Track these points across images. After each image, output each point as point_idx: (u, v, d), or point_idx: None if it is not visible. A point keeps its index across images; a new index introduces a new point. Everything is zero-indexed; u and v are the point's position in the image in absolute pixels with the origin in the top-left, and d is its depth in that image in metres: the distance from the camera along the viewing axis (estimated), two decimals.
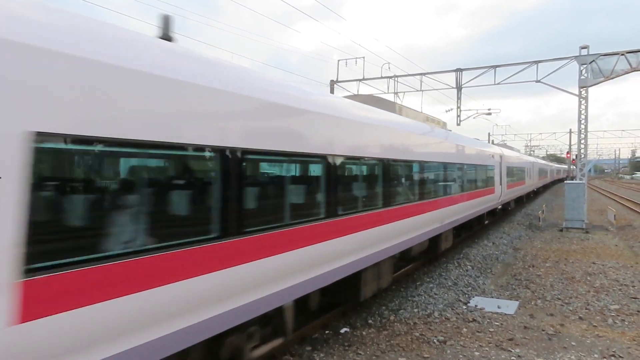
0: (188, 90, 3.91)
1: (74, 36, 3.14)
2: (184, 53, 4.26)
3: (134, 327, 3.41)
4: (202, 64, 4.33)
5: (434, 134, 11.30)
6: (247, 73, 5.05)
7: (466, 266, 12.32)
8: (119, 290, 3.27)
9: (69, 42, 3.05)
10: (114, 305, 3.23)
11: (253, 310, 4.64)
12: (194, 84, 3.99)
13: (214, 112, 4.19)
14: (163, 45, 4.10)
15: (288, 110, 5.30)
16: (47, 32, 2.95)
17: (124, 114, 3.32)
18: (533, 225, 21.63)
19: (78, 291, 3.02)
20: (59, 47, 2.95)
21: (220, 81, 4.35)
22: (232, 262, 4.31)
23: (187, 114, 3.88)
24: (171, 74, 3.78)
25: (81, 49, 3.10)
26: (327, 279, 6.06)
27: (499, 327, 7.63)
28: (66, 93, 2.95)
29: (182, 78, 3.89)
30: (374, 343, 6.92)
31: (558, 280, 10.73)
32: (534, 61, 23.29)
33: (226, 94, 4.36)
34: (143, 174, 3.66)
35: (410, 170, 9.14)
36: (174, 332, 3.74)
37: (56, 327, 2.87)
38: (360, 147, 6.90)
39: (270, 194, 5.12)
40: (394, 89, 27.22)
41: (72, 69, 3.00)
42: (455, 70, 26.46)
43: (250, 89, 4.77)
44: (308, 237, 5.55)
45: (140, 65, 3.52)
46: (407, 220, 8.58)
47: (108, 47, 3.34)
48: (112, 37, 3.49)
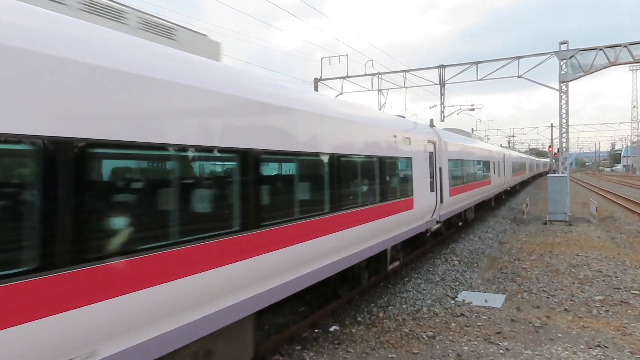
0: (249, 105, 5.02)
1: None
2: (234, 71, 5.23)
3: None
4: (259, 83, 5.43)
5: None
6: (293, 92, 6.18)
7: (453, 261, 12.41)
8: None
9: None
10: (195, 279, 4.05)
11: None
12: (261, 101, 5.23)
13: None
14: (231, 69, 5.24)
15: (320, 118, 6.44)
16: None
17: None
18: (517, 219, 21.92)
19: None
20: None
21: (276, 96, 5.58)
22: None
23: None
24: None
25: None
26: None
27: (487, 320, 7.69)
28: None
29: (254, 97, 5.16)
30: (363, 340, 6.91)
31: (543, 273, 10.87)
32: (515, 57, 23.56)
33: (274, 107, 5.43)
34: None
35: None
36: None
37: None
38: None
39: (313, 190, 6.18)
40: (377, 86, 27.32)
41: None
42: (438, 67, 26.62)
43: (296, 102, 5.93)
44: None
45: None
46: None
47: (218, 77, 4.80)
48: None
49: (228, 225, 4.60)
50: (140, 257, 3.62)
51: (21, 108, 2.89)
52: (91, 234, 3.27)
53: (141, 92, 3.71)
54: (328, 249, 6.54)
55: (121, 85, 3.55)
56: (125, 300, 3.46)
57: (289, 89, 6.31)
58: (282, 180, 5.86)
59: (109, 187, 3.57)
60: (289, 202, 5.74)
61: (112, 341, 3.40)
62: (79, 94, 3.23)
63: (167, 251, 3.84)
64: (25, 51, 2.95)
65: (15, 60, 2.89)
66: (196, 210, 4.27)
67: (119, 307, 3.41)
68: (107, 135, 3.40)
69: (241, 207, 4.77)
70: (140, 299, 3.58)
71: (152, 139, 3.78)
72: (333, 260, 6.76)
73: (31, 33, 3.06)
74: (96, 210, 3.34)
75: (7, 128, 2.80)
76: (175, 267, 3.92)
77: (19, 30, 2.99)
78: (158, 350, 3.77)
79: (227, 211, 4.64)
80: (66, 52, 3.21)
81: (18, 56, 2.91)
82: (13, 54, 2.88)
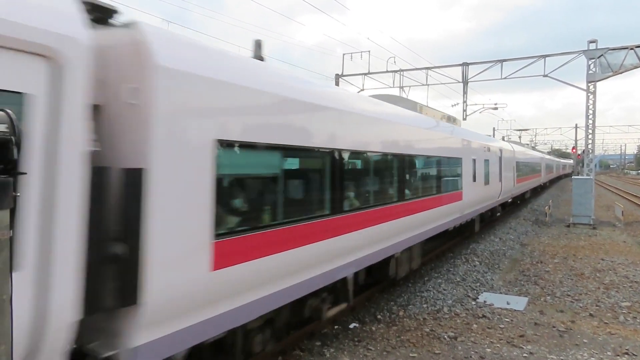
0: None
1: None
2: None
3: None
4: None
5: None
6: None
7: (474, 262, 12.26)
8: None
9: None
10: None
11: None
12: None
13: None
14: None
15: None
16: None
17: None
18: (539, 220, 21.51)
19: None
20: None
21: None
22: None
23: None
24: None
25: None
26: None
27: (509, 323, 7.58)
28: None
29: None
30: (383, 338, 6.89)
31: (567, 277, 10.65)
32: (541, 55, 23.05)
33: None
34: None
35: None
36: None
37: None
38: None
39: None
40: (399, 83, 27.07)
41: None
42: (461, 65, 26.24)
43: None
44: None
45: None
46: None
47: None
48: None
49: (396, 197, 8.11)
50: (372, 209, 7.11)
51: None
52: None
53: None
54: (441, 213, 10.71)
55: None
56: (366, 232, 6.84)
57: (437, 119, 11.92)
58: (428, 173, 10.14)
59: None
60: (429, 186, 10.02)
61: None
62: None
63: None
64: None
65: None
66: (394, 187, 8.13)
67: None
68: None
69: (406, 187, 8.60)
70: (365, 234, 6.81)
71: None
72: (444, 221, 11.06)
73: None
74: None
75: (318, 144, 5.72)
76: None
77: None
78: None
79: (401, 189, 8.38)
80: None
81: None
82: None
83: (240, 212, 4.48)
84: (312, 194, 5.88)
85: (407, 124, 9.00)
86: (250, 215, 4.60)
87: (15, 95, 2.63)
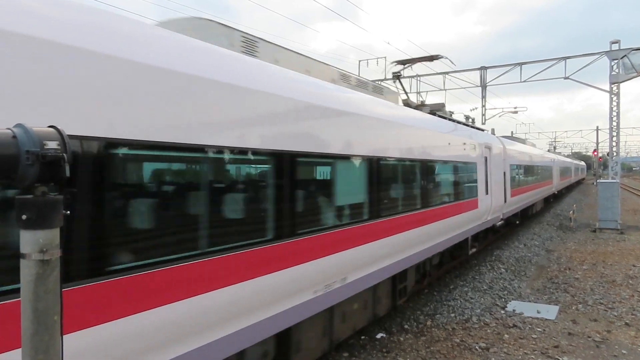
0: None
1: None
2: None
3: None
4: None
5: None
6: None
7: (499, 269, 12.00)
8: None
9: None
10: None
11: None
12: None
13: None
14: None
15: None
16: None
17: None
18: (564, 225, 21.02)
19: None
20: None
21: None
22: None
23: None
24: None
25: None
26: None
27: (542, 333, 7.35)
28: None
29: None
30: (412, 349, 6.74)
31: (598, 284, 10.33)
32: (562, 57, 22.68)
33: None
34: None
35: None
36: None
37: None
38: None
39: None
40: (416, 88, 26.91)
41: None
42: (479, 69, 25.99)
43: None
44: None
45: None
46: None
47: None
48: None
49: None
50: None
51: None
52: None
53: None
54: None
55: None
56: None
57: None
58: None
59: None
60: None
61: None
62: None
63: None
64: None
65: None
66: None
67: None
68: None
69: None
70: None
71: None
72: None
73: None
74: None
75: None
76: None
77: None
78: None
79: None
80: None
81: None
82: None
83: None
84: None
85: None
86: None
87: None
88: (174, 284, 3.37)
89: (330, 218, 5.34)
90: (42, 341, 1.71)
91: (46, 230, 1.73)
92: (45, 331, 1.72)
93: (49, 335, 1.73)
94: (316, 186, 5.19)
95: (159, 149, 3.35)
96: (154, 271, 3.23)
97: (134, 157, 3.23)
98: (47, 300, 1.72)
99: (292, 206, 4.64)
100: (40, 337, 1.71)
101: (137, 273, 3.14)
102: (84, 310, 2.81)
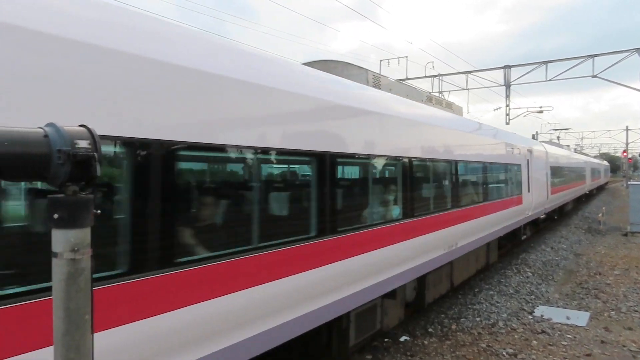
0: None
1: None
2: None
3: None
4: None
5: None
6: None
7: (526, 272, 11.69)
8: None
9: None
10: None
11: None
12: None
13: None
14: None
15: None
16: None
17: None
18: (593, 229, 20.38)
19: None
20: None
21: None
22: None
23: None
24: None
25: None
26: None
27: (572, 340, 7.11)
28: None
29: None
30: (437, 353, 6.61)
31: (632, 290, 9.94)
32: (590, 55, 22.08)
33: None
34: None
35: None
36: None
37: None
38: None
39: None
40: (438, 88, 26.55)
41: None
42: (503, 67, 25.49)
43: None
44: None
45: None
46: None
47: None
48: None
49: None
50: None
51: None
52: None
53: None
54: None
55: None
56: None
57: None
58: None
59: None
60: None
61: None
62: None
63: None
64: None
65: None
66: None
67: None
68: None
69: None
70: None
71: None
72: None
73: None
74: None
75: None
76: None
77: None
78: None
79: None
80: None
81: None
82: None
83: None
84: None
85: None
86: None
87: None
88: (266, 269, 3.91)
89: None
90: (74, 340, 1.70)
91: (77, 229, 1.73)
92: (77, 330, 1.71)
93: (79, 334, 1.72)
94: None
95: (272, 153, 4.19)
96: (243, 258, 3.73)
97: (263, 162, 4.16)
98: (78, 299, 1.71)
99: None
100: (71, 336, 1.70)
101: (226, 260, 3.58)
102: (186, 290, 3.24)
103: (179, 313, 3.17)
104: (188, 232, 3.41)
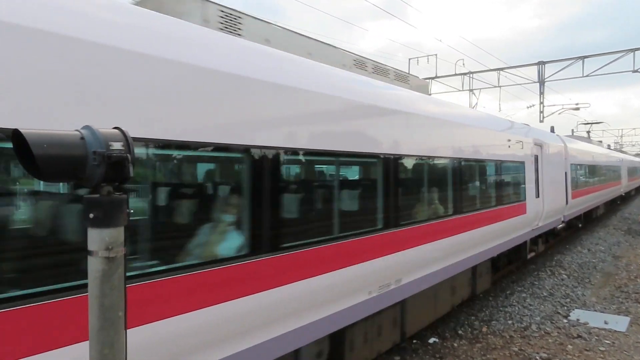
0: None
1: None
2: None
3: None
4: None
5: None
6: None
7: (561, 275, 11.31)
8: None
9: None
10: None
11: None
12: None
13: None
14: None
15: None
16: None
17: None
18: (633, 230, 19.51)
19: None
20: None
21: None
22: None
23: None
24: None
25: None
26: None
27: (611, 346, 6.83)
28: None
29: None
30: (467, 356, 6.49)
31: None
32: (630, 49, 21.12)
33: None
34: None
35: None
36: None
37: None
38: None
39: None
40: (469, 86, 26.00)
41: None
42: (537, 64, 24.73)
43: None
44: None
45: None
46: None
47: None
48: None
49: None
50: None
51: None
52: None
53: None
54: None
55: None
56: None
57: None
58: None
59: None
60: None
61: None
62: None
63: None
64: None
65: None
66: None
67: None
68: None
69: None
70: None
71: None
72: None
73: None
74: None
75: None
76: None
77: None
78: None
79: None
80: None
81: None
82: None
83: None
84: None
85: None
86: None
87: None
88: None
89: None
90: (108, 336, 1.76)
91: (112, 228, 1.78)
92: (111, 327, 1.77)
93: (114, 331, 1.78)
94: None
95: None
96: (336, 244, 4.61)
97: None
98: (113, 297, 1.76)
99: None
100: (106, 333, 1.76)
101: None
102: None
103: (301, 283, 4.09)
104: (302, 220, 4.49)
